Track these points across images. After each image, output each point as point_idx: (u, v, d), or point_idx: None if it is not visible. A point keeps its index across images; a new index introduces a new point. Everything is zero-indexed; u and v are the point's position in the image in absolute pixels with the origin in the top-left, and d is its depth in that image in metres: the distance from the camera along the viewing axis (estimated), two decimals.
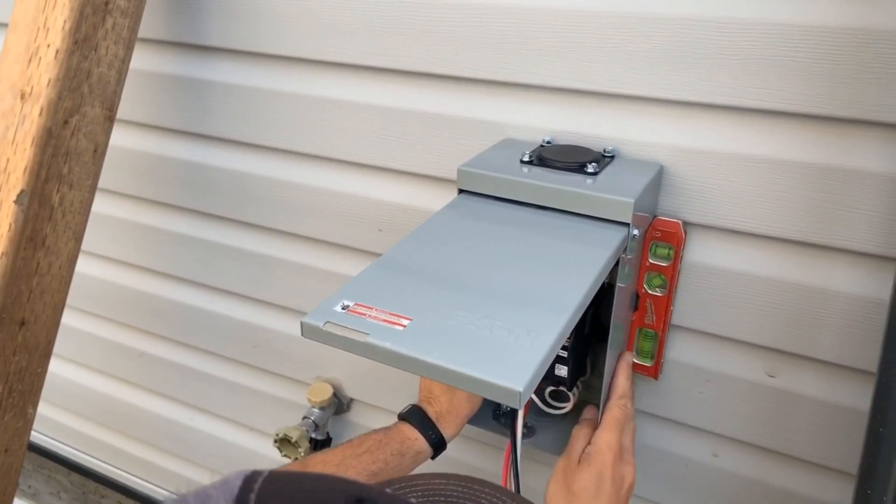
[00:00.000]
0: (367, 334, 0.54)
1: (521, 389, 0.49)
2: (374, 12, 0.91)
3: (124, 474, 1.64)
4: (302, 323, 0.57)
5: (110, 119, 0.90)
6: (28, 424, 0.90)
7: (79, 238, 0.90)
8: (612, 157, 0.82)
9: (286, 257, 1.15)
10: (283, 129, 1.05)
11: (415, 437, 0.85)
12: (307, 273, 1.13)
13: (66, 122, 0.83)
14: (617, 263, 0.74)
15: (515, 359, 0.51)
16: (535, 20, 0.82)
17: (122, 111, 1.16)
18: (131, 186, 1.25)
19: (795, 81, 0.72)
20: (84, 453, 1.70)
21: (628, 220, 0.71)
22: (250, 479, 0.33)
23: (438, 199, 0.97)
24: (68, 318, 1.47)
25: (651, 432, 0.96)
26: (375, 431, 0.85)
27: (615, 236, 0.72)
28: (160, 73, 1.12)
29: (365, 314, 0.57)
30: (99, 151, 0.89)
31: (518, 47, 0.84)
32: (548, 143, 0.85)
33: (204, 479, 1.50)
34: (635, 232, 0.73)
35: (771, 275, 0.81)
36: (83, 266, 1.38)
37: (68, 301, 1.40)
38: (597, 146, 0.84)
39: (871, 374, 0.77)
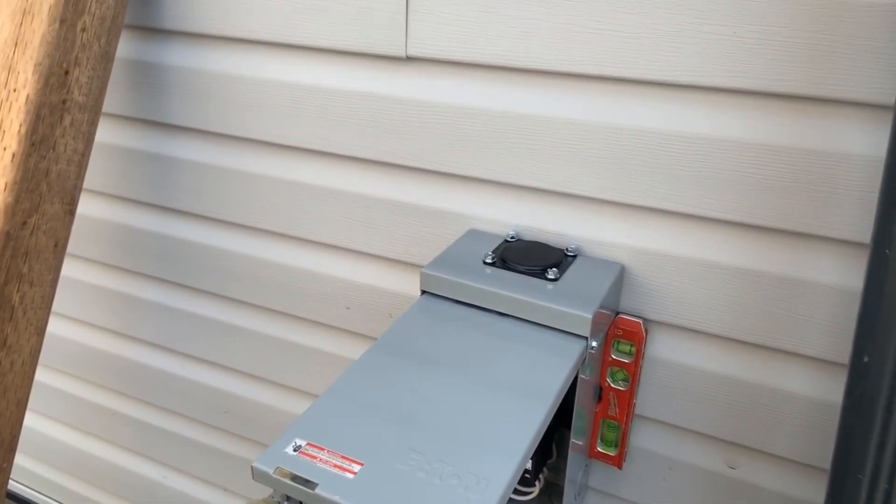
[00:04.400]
0: (317, 484, 0.55)
1: None
2: (344, 106, 0.91)
3: None
4: (253, 467, 0.57)
5: (71, 213, 0.89)
6: None
7: (41, 332, 0.90)
8: (575, 255, 0.83)
9: (255, 328, 1.14)
10: (250, 207, 1.05)
11: None
12: (276, 344, 1.13)
13: (24, 223, 0.83)
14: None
15: None
16: (501, 122, 0.82)
17: (90, 182, 1.16)
18: (101, 254, 1.24)
19: (748, 195, 0.73)
20: (58, 503, 1.68)
21: (586, 333, 0.72)
22: None
23: (403, 281, 0.98)
24: (41, 376, 1.46)
25: None
26: None
27: (574, 348, 0.72)
28: (127, 147, 1.11)
29: (316, 457, 0.57)
30: (59, 245, 0.89)
31: (485, 146, 0.84)
32: (512, 238, 0.86)
33: None
34: (594, 343, 0.74)
35: (728, 373, 0.82)
36: (55, 327, 1.37)
37: (41, 359, 1.40)
38: (560, 243, 0.84)
39: (825, 471, 0.79)
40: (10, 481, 1.73)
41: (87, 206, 1.20)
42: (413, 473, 0.56)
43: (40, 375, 1.47)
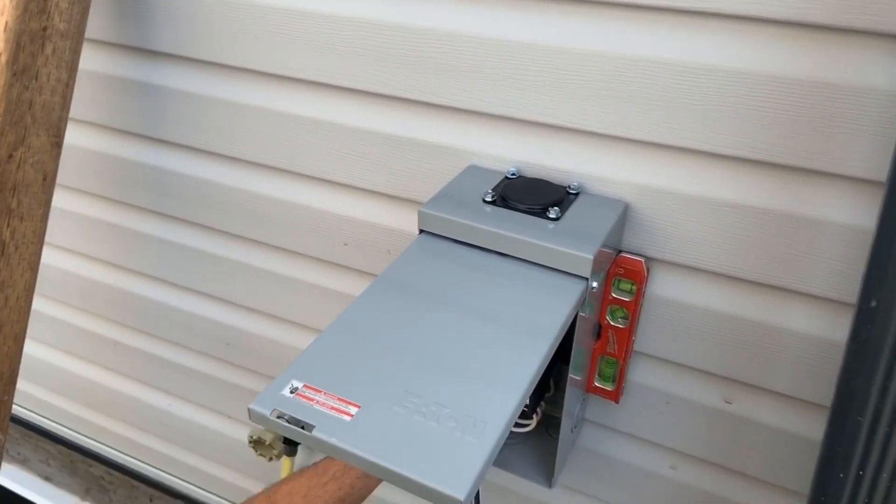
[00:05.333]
0: (314, 426, 0.55)
1: (461, 498, 0.49)
2: (335, 33, 0.87)
3: (109, 450, 1.68)
4: (249, 409, 0.57)
5: (58, 145, 0.86)
6: (0, 449, 0.91)
7: (34, 268, 0.89)
8: (578, 193, 0.81)
9: (251, 263, 1.13)
10: (241, 139, 1.02)
11: None
12: (274, 279, 1.13)
13: (10, 156, 0.80)
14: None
15: (458, 461, 0.52)
16: (505, 52, 0.78)
17: (76, 111, 1.12)
18: (93, 185, 1.22)
19: (759, 130, 0.70)
20: (68, 428, 1.72)
21: (587, 274, 0.71)
22: None
23: (402, 218, 0.96)
24: (42, 306, 1.47)
25: (612, 445, 0.98)
26: None
27: (575, 288, 0.71)
28: (113, 75, 1.07)
29: (313, 399, 0.57)
30: (48, 179, 0.86)
31: (485, 77, 0.80)
32: (513, 175, 0.83)
33: (187, 459, 1.54)
34: (595, 284, 0.72)
35: (730, 311, 0.81)
36: (53, 259, 1.36)
37: (42, 290, 1.40)
38: (563, 180, 0.82)
39: (824, 407, 0.79)
40: (20, 408, 1.77)
41: (74, 137, 1.16)
42: (410, 416, 0.56)
43: (42, 306, 1.47)
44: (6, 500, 1.93)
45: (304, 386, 0.58)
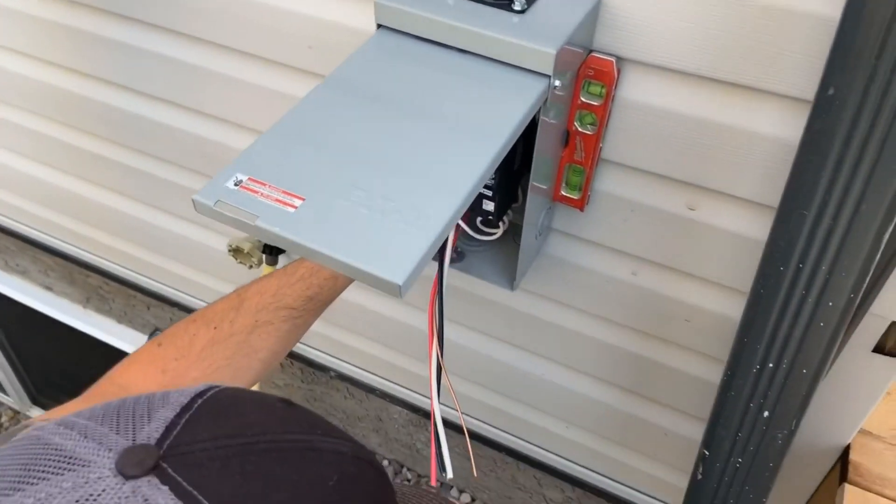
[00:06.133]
0: (257, 216, 0.55)
1: (400, 283, 0.51)
2: None
3: (104, 261, 1.73)
4: (193, 200, 0.57)
5: None
6: None
7: None
8: None
9: (215, 69, 1.09)
10: None
11: None
12: (240, 86, 1.09)
13: None
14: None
15: (399, 250, 0.52)
16: None
17: None
18: None
19: None
20: (62, 241, 1.77)
21: (549, 72, 0.67)
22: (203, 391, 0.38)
23: (367, 17, 0.90)
24: (8, 114, 1.43)
25: (576, 252, 1.00)
26: None
27: (534, 87, 0.68)
28: None
29: (257, 192, 0.57)
30: None
31: None
32: None
33: (178, 270, 1.59)
34: (557, 83, 0.69)
35: (700, 115, 0.79)
36: (11, 64, 1.31)
37: (8, 99, 1.36)
38: None
39: None
40: (12, 220, 1.80)
41: None
42: (354, 209, 0.56)
43: (13, 116, 1.44)
44: (12, 310, 2.04)
45: (249, 179, 0.58)
